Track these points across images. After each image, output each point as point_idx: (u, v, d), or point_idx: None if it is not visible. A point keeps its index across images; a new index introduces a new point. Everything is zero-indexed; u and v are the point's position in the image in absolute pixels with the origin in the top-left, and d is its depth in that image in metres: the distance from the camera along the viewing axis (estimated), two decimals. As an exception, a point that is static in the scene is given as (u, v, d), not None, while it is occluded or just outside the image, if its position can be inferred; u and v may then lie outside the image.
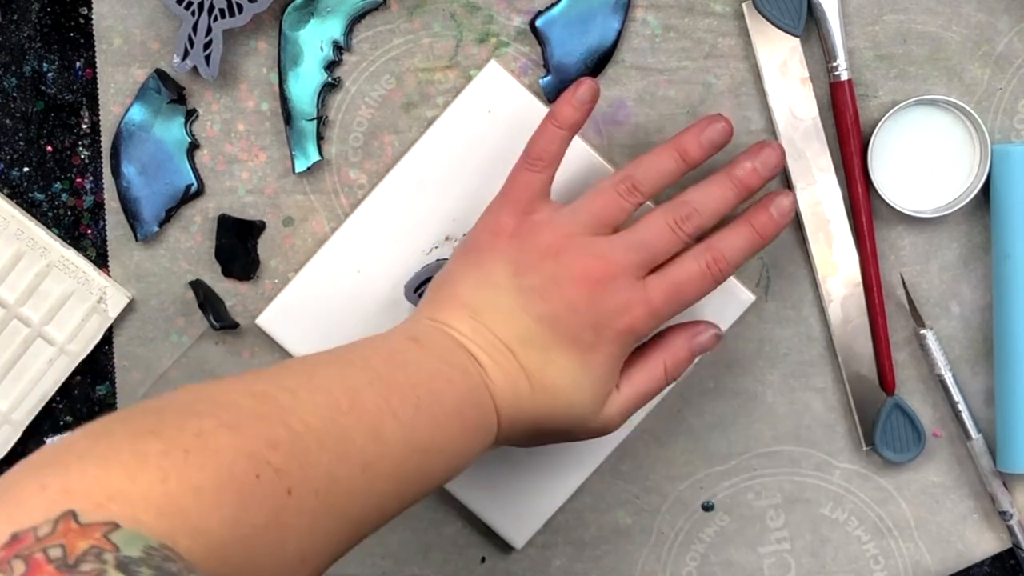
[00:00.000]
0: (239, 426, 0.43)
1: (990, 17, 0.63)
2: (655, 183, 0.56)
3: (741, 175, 0.57)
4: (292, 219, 0.65)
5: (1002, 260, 0.63)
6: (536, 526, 0.66)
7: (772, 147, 0.58)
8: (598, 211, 0.56)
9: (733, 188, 0.57)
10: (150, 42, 0.63)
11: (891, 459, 0.65)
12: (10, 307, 0.65)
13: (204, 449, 0.41)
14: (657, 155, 0.57)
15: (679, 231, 0.56)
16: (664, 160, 0.57)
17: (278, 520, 0.42)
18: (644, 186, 0.56)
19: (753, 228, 0.57)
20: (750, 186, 0.57)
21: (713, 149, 0.57)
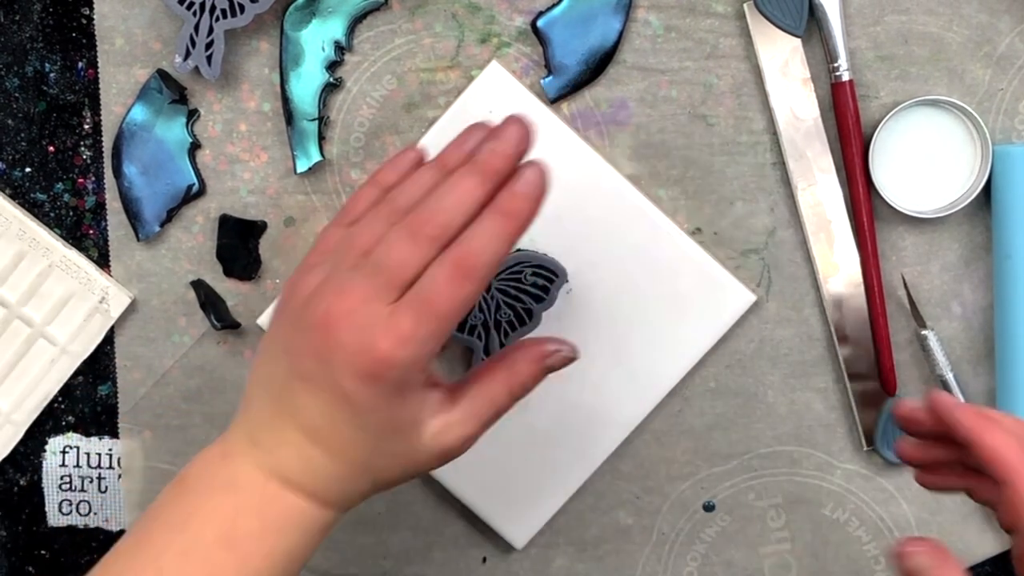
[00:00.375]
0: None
1: (991, 18, 0.63)
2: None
3: (482, 159, 0.49)
4: (293, 219, 0.65)
5: (1003, 260, 0.63)
6: (537, 526, 0.66)
7: (516, 120, 0.50)
8: (386, 262, 0.50)
9: (476, 176, 0.49)
10: (152, 42, 0.63)
11: (892, 460, 0.65)
12: (12, 307, 0.65)
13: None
14: (420, 173, 0.53)
15: (418, 240, 0.49)
16: (423, 175, 0.52)
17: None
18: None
19: (500, 213, 0.49)
20: (496, 169, 0.49)
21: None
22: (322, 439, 0.50)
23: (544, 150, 0.63)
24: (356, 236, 0.51)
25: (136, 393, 0.66)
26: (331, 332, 0.49)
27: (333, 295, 0.49)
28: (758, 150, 0.64)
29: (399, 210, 0.51)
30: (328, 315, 0.49)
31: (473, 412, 0.52)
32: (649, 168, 0.64)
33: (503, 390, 0.53)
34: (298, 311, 0.51)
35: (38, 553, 0.67)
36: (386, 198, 0.52)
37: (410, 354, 0.48)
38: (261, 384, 0.52)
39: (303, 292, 0.51)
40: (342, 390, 0.49)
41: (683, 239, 0.63)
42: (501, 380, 0.53)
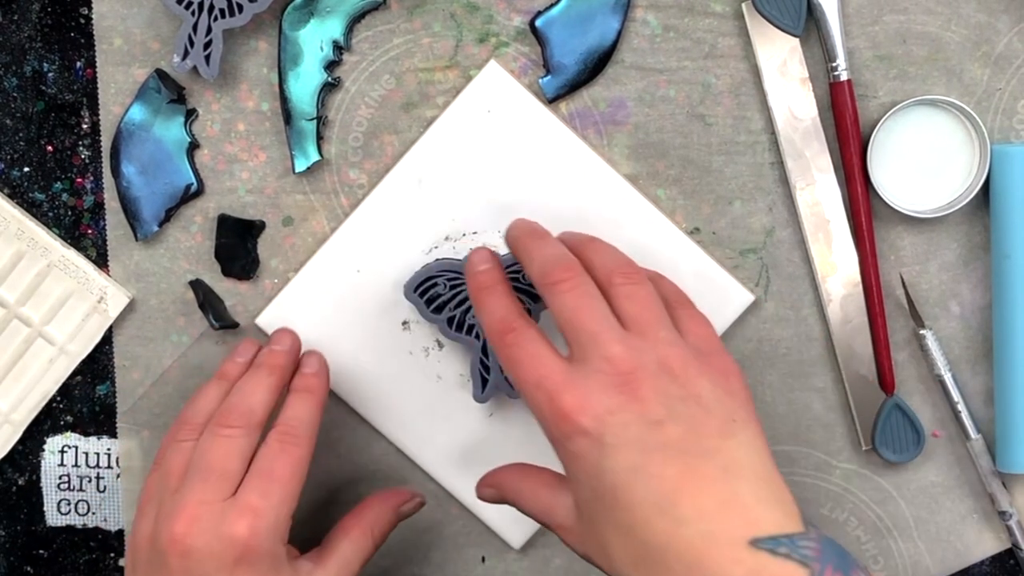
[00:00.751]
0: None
1: (990, 17, 0.63)
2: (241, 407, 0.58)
3: (264, 361, 0.60)
4: (292, 219, 0.65)
5: (1001, 260, 0.63)
6: (536, 526, 0.66)
7: (283, 330, 0.62)
8: (208, 463, 0.56)
9: (265, 373, 0.59)
10: (150, 42, 0.63)
11: (891, 459, 0.65)
12: (10, 307, 0.65)
13: None
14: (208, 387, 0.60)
15: (225, 433, 0.56)
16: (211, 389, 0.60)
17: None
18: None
19: (300, 390, 0.59)
20: (278, 364, 0.60)
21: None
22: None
23: (542, 150, 0.63)
24: (167, 466, 0.57)
25: (135, 393, 0.66)
26: (186, 548, 0.53)
27: (170, 519, 0.54)
28: (756, 150, 0.64)
29: (194, 427, 0.58)
30: (174, 537, 0.53)
31: (344, 564, 0.58)
32: (647, 168, 0.64)
33: (366, 539, 0.59)
34: (148, 557, 0.54)
35: (36, 553, 0.67)
36: (174, 435, 0.58)
37: (269, 523, 0.54)
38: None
39: (143, 539, 0.55)
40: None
41: (681, 239, 0.63)
42: (363, 530, 0.59)
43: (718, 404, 0.50)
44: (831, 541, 0.48)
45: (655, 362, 0.50)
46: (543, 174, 0.63)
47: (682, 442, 0.48)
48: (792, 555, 0.46)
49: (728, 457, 0.49)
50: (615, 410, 0.49)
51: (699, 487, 0.48)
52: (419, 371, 0.65)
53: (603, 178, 0.63)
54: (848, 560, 0.47)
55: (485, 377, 0.62)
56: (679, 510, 0.47)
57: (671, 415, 0.49)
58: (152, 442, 0.66)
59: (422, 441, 0.65)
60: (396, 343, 0.64)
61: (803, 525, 0.48)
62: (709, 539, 0.47)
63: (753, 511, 0.48)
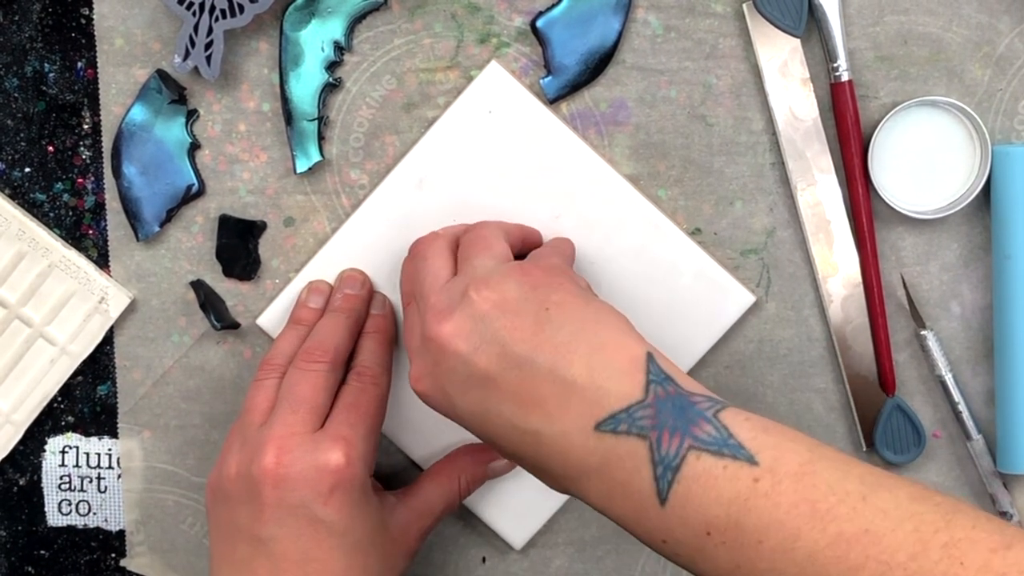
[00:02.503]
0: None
1: (991, 18, 0.63)
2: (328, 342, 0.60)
3: (337, 305, 0.62)
4: (293, 219, 0.65)
5: (1002, 261, 0.63)
6: (536, 526, 0.66)
7: (353, 271, 0.63)
8: (296, 396, 0.57)
9: (344, 316, 0.61)
10: (151, 42, 0.63)
11: (891, 460, 0.65)
12: (12, 307, 0.65)
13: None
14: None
15: (313, 368, 0.58)
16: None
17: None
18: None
19: (371, 332, 0.62)
20: (354, 308, 0.62)
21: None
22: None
23: (543, 151, 0.63)
24: (250, 404, 0.58)
25: (136, 393, 0.66)
26: (280, 477, 0.54)
27: (261, 451, 0.55)
28: (757, 150, 0.64)
29: (275, 367, 0.59)
30: (266, 467, 0.54)
31: (428, 506, 0.59)
32: (648, 168, 0.64)
33: (452, 485, 0.61)
34: (237, 492, 0.55)
35: (37, 553, 0.67)
36: (256, 378, 0.60)
37: (360, 453, 0.55)
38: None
39: (229, 477, 0.56)
40: (318, 519, 0.53)
41: (682, 239, 0.63)
42: (450, 476, 0.61)
43: (525, 303, 0.51)
44: (667, 400, 0.47)
45: (459, 295, 0.52)
46: (544, 175, 0.63)
47: (501, 361, 0.49)
48: (631, 430, 0.46)
49: (550, 348, 0.49)
50: (438, 361, 0.51)
51: (535, 394, 0.48)
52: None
53: (604, 179, 0.63)
54: (686, 415, 0.46)
55: None
56: (530, 425, 0.48)
57: (481, 341, 0.50)
58: (153, 442, 0.66)
59: (422, 441, 0.65)
60: (397, 343, 0.64)
61: (642, 389, 0.47)
62: (564, 438, 0.48)
63: (591, 393, 0.47)
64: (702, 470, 0.45)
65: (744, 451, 0.45)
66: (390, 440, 0.66)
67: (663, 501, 0.45)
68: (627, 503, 0.46)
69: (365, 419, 0.57)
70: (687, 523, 0.45)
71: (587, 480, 0.48)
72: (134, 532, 0.67)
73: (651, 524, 0.46)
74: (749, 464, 0.45)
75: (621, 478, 0.46)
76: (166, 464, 0.66)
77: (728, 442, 0.46)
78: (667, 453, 0.45)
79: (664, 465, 0.45)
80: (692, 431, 0.46)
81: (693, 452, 0.45)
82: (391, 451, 0.66)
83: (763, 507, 0.44)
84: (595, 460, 0.47)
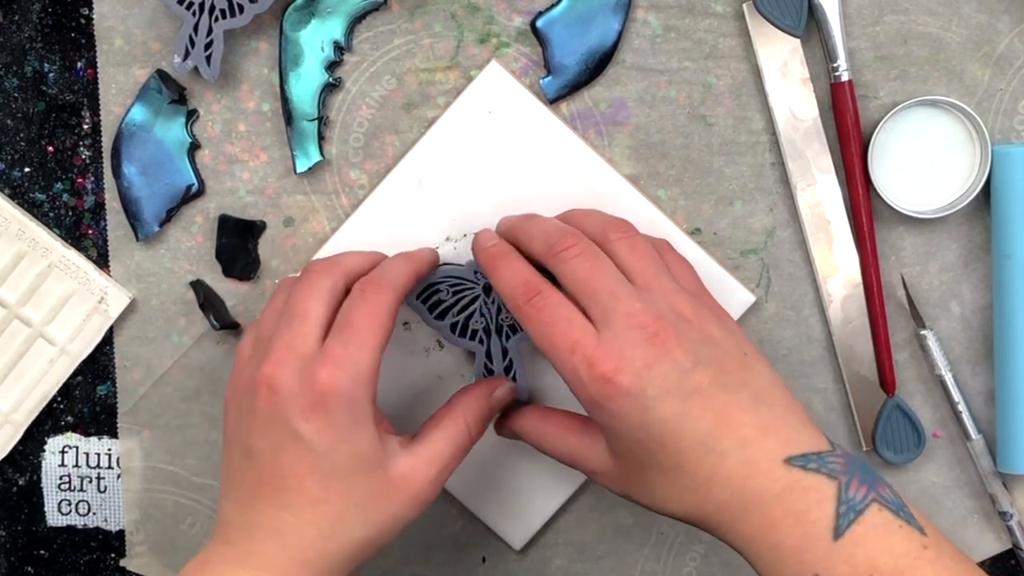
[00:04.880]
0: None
1: (990, 18, 0.63)
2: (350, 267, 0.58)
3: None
4: (293, 219, 0.65)
5: (1002, 261, 0.63)
6: (536, 526, 0.66)
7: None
8: (291, 308, 0.56)
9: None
10: (151, 42, 0.63)
11: (891, 460, 0.65)
12: (11, 307, 0.65)
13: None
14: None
15: (310, 278, 0.56)
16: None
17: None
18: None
19: (404, 255, 0.60)
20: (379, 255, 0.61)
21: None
22: (291, 500, 0.53)
23: (543, 151, 0.63)
24: (262, 319, 0.58)
25: (135, 393, 0.66)
26: (272, 386, 0.53)
27: (262, 361, 0.54)
28: (757, 150, 0.64)
29: (287, 287, 0.58)
30: (263, 376, 0.54)
31: (436, 452, 0.56)
32: (648, 168, 0.64)
33: (458, 426, 0.57)
34: (243, 397, 0.55)
35: (37, 553, 0.67)
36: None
37: (350, 374, 0.53)
38: (227, 487, 0.55)
39: (239, 385, 0.56)
40: (299, 434, 0.52)
41: (682, 239, 0.63)
42: (454, 418, 0.58)
43: (729, 342, 0.54)
44: (856, 458, 0.52)
45: (670, 312, 0.53)
46: (544, 175, 0.63)
47: (713, 383, 0.52)
48: (822, 469, 0.50)
49: (753, 388, 0.53)
50: (651, 363, 0.51)
51: (737, 420, 0.51)
52: (420, 371, 0.65)
53: (604, 179, 0.63)
54: (874, 475, 0.51)
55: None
56: (722, 444, 0.51)
57: (698, 360, 0.52)
58: (152, 442, 0.66)
59: None
60: (397, 343, 0.64)
61: (830, 444, 0.52)
62: (750, 464, 0.51)
63: (784, 434, 0.51)
64: (881, 521, 0.50)
65: (916, 522, 0.50)
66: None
67: (837, 536, 0.49)
68: (795, 530, 0.50)
69: (358, 333, 0.54)
70: (852, 562, 0.49)
71: (755, 506, 0.50)
72: (134, 532, 0.67)
73: (812, 555, 0.49)
74: (919, 533, 0.50)
75: (799, 507, 0.50)
76: (166, 464, 0.66)
77: (904, 509, 0.51)
78: (854, 496, 0.50)
79: (848, 505, 0.50)
80: (877, 488, 0.51)
81: (877, 504, 0.50)
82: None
83: (927, 571, 0.49)
84: (777, 488, 0.50)
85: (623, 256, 0.55)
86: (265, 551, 0.53)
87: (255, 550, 0.53)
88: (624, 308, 0.52)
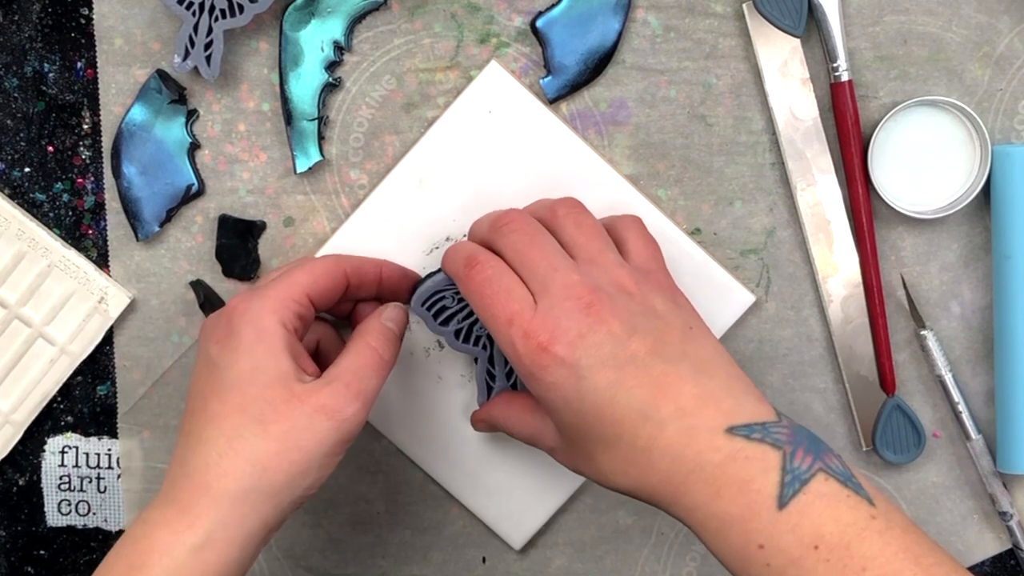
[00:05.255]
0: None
1: (990, 18, 0.63)
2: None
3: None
4: (293, 219, 0.65)
5: (1002, 261, 0.63)
6: (536, 526, 0.66)
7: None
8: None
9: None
10: (151, 42, 0.63)
11: (891, 460, 0.65)
12: (11, 307, 0.65)
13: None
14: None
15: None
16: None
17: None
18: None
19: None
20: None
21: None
22: (195, 422, 0.54)
23: (543, 151, 0.63)
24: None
25: (135, 393, 0.66)
26: (203, 328, 0.57)
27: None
28: (757, 150, 0.64)
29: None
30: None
31: (341, 369, 0.56)
32: (648, 168, 0.64)
33: (363, 347, 0.56)
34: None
35: (37, 553, 0.67)
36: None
37: (257, 299, 0.55)
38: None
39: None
40: (209, 356, 0.55)
41: (682, 239, 0.63)
42: (357, 340, 0.57)
43: (673, 315, 0.53)
44: (803, 428, 0.51)
45: (610, 284, 0.53)
46: (544, 175, 0.63)
47: (651, 353, 0.51)
48: (766, 439, 0.50)
49: (695, 359, 0.52)
50: (585, 333, 0.51)
51: (676, 389, 0.51)
52: (420, 371, 0.65)
53: (604, 179, 0.63)
54: (821, 445, 0.50)
55: (490, 385, 0.62)
56: (660, 413, 0.50)
57: (635, 329, 0.51)
58: (152, 442, 0.66)
59: (422, 441, 0.65)
60: (397, 343, 0.64)
61: (776, 415, 0.51)
62: (689, 433, 0.50)
63: (726, 403, 0.51)
64: (828, 491, 0.49)
65: (864, 492, 0.49)
66: (390, 441, 0.66)
67: (782, 505, 0.48)
68: (739, 499, 0.49)
69: (283, 277, 0.57)
70: (797, 531, 0.48)
71: (697, 476, 0.50)
72: (134, 532, 0.67)
73: (757, 524, 0.48)
74: (868, 504, 0.49)
75: (742, 476, 0.49)
76: (166, 464, 0.66)
77: (852, 479, 0.50)
78: (799, 466, 0.49)
79: (794, 475, 0.49)
80: (824, 458, 0.50)
81: (823, 474, 0.49)
82: (401, 467, 0.66)
83: (875, 541, 0.48)
84: (718, 457, 0.49)
85: (568, 231, 0.56)
86: (175, 483, 0.54)
87: (168, 485, 0.54)
88: (562, 279, 0.53)
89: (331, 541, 0.67)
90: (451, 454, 0.65)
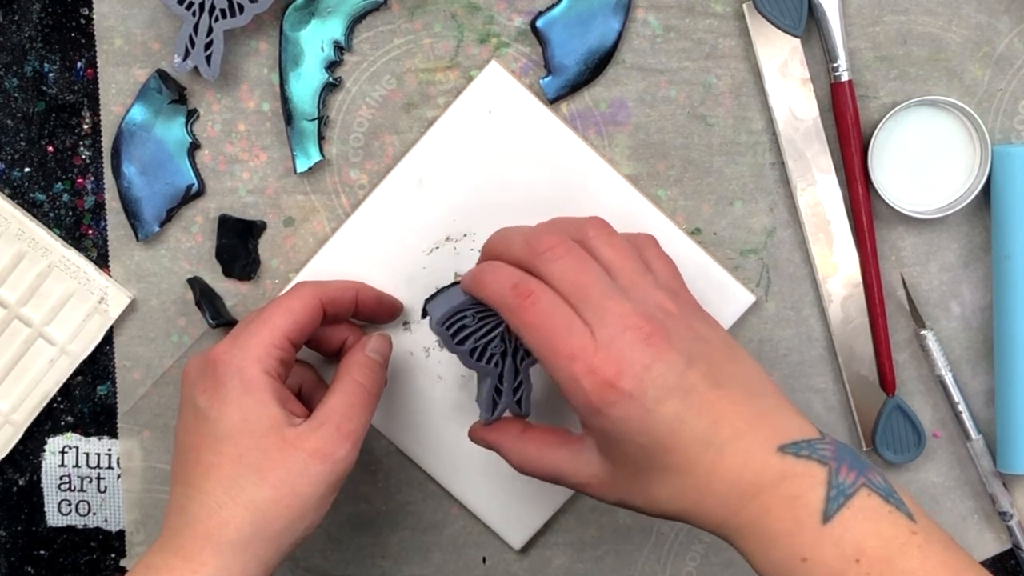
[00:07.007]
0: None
1: (990, 18, 0.63)
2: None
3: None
4: (293, 219, 0.65)
5: (1002, 261, 0.63)
6: (536, 526, 0.66)
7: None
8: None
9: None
10: (151, 42, 0.63)
11: (891, 460, 0.65)
12: (11, 307, 0.65)
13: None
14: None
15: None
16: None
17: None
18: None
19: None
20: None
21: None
22: (190, 473, 0.55)
23: (543, 151, 0.63)
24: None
25: (135, 393, 0.66)
26: (185, 374, 0.57)
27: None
28: (757, 150, 0.64)
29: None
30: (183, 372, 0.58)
31: (330, 409, 0.57)
32: (648, 168, 0.64)
33: (349, 384, 0.58)
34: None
35: (37, 553, 0.67)
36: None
37: (240, 349, 0.57)
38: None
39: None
40: (197, 407, 0.55)
41: (682, 239, 0.63)
42: (343, 377, 0.58)
43: (713, 335, 0.54)
44: (845, 445, 0.52)
45: (657, 309, 0.53)
46: (544, 175, 0.63)
47: (706, 378, 0.51)
48: (813, 456, 0.51)
49: (743, 379, 0.53)
50: (649, 365, 0.51)
51: (732, 412, 0.51)
52: (420, 371, 0.65)
53: (604, 179, 0.63)
54: (863, 462, 0.51)
55: (497, 401, 0.60)
56: (719, 438, 0.51)
57: (691, 357, 0.52)
58: (152, 442, 0.66)
59: (422, 441, 0.65)
60: (397, 343, 0.64)
61: (819, 432, 0.52)
62: (746, 455, 0.51)
63: (776, 423, 0.52)
64: (870, 506, 0.50)
65: (905, 508, 0.50)
66: (390, 441, 0.66)
67: (826, 520, 0.49)
68: (786, 515, 0.50)
69: (261, 322, 0.57)
70: (840, 545, 0.49)
71: (751, 496, 0.50)
72: (134, 532, 0.67)
73: (801, 538, 0.49)
74: (908, 519, 0.50)
75: (791, 493, 0.50)
76: (166, 464, 0.66)
77: (894, 495, 0.50)
78: (843, 481, 0.50)
79: (838, 490, 0.50)
80: (867, 474, 0.51)
81: (866, 489, 0.50)
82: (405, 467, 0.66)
83: (915, 556, 0.49)
84: (771, 475, 0.50)
85: (603, 253, 0.54)
86: (176, 531, 0.54)
87: (169, 533, 0.55)
88: (616, 308, 0.52)
89: (331, 541, 0.67)
90: (451, 454, 0.65)
